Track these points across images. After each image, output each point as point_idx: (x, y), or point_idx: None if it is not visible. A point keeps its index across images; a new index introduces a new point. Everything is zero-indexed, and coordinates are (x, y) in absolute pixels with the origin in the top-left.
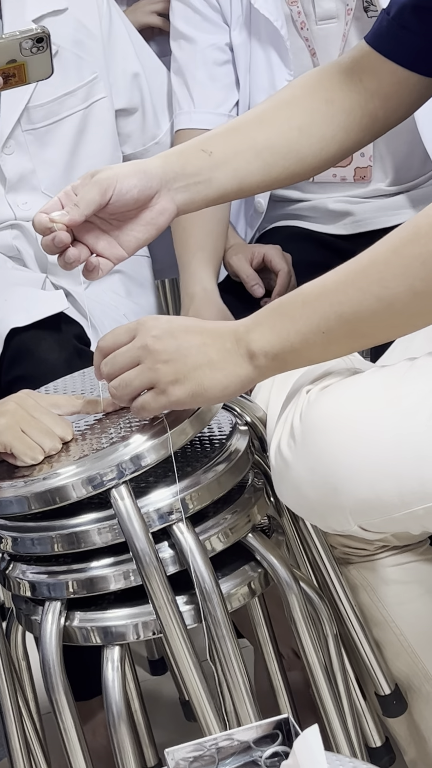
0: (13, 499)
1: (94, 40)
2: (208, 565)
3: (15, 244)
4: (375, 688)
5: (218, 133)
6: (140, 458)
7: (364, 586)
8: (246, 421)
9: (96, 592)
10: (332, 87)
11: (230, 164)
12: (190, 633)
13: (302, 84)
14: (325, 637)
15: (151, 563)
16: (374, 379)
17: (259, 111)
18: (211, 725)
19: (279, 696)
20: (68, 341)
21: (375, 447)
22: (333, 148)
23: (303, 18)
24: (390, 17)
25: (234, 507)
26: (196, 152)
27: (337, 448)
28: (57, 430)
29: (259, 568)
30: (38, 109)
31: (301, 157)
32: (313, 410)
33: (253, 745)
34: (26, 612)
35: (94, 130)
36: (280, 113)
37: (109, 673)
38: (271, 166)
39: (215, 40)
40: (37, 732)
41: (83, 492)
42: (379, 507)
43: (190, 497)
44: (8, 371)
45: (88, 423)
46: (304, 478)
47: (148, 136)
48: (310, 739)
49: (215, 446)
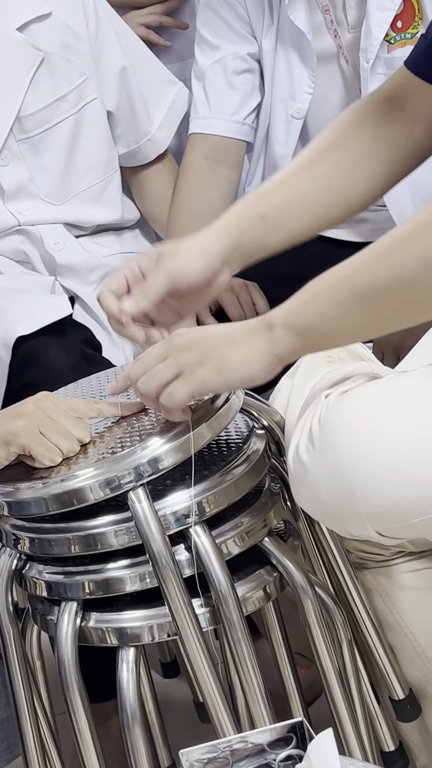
0: (31, 500)
1: (81, 41)
2: (224, 569)
3: (22, 249)
4: (389, 692)
5: (272, 190)
6: (158, 461)
7: (379, 591)
8: (263, 425)
9: (112, 593)
10: (377, 122)
11: (284, 226)
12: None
13: (347, 123)
14: (339, 642)
15: (168, 566)
16: (394, 384)
17: (308, 158)
18: (225, 727)
19: (291, 699)
20: (75, 346)
21: (393, 452)
22: (381, 184)
23: (335, 26)
24: (428, 41)
25: (250, 511)
26: (252, 220)
27: (355, 453)
28: (75, 432)
29: (275, 572)
30: (30, 117)
31: (350, 202)
32: (332, 414)
33: (267, 747)
34: (42, 612)
35: (88, 131)
36: (327, 160)
37: (123, 675)
38: (321, 218)
39: (237, 49)
40: (52, 732)
41: (101, 494)
42: (397, 513)
43: (206, 500)
44: (17, 378)
45: (106, 425)
46: (322, 482)
47: (140, 132)
48: (324, 743)
49: (232, 450)
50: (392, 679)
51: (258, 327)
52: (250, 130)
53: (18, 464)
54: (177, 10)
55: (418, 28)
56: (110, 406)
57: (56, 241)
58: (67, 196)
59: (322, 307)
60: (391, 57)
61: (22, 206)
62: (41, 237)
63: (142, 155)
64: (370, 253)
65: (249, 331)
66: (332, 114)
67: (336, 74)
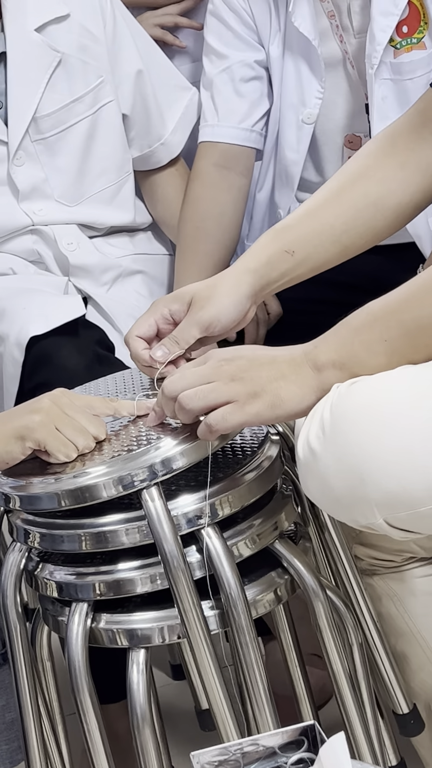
0: (43, 495)
1: (98, 43)
2: (235, 571)
3: (36, 248)
4: (393, 706)
5: (298, 224)
6: (172, 461)
7: (390, 597)
8: (278, 431)
9: (122, 594)
10: (405, 147)
11: (311, 259)
12: (213, 639)
13: (374, 151)
14: (350, 645)
15: (179, 566)
16: (406, 373)
17: (335, 189)
18: (230, 733)
19: (302, 702)
20: (88, 347)
21: (404, 439)
22: (408, 211)
23: (341, 31)
24: None
25: (262, 513)
26: (280, 256)
27: (365, 439)
28: (91, 428)
29: (286, 575)
30: (46, 118)
31: (377, 231)
32: (343, 402)
33: (279, 750)
34: (53, 613)
35: (103, 134)
36: (355, 190)
37: (134, 676)
38: (348, 247)
39: (245, 57)
40: (55, 734)
41: (114, 492)
42: (406, 500)
43: (219, 503)
44: (30, 378)
45: (122, 424)
46: (331, 468)
47: (154, 136)
48: (336, 747)
49: (247, 454)
50: (397, 693)
51: (304, 362)
52: (258, 137)
53: (33, 459)
54: (191, 11)
55: (423, 32)
56: (126, 405)
57: (70, 242)
58: (81, 198)
59: (371, 343)
60: (397, 62)
61: (36, 206)
62: (55, 237)
63: (155, 159)
64: (417, 288)
65: (297, 366)
66: (340, 119)
67: (342, 79)
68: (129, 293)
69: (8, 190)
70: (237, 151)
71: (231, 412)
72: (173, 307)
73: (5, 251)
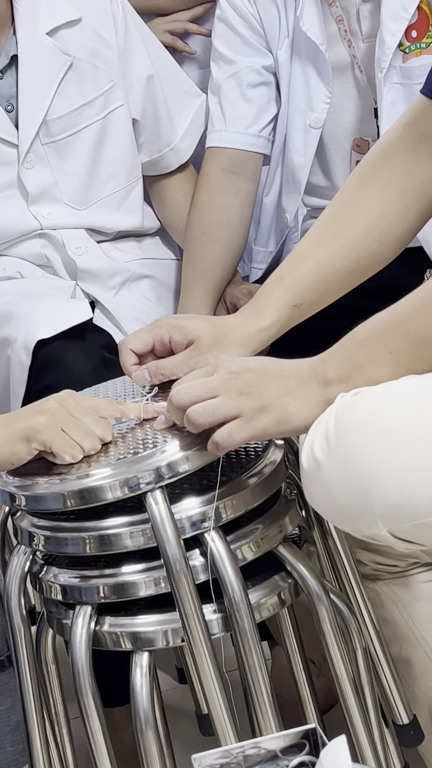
0: (48, 495)
1: (109, 48)
2: (238, 575)
3: (44, 252)
4: (393, 716)
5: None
6: (178, 464)
7: (395, 602)
8: None
9: (126, 597)
10: (403, 170)
11: (317, 305)
12: (215, 643)
13: (372, 177)
14: (354, 650)
15: (182, 570)
16: (410, 384)
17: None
18: (228, 738)
19: (306, 706)
20: (94, 351)
21: (409, 450)
22: (409, 237)
23: (349, 36)
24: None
25: (266, 517)
26: (290, 312)
27: (370, 450)
28: (97, 430)
29: (290, 579)
30: (56, 121)
31: (380, 262)
32: (348, 412)
33: (280, 753)
34: (57, 615)
35: (113, 138)
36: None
37: (137, 679)
38: (351, 284)
39: (252, 62)
40: (56, 738)
41: (119, 494)
42: (410, 511)
43: (223, 506)
44: (37, 381)
45: (129, 426)
46: (335, 478)
47: (163, 142)
48: (337, 750)
49: (252, 458)
50: (397, 703)
51: (312, 377)
52: (266, 143)
53: (39, 460)
54: (201, 18)
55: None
56: (133, 408)
57: (78, 246)
58: (90, 202)
59: (376, 355)
60: (407, 66)
61: (45, 210)
62: (63, 241)
63: (164, 164)
64: (420, 300)
65: (305, 381)
66: (348, 123)
67: (351, 84)
68: (136, 298)
69: (18, 192)
70: (245, 157)
71: (237, 429)
72: (174, 337)
73: (13, 255)
